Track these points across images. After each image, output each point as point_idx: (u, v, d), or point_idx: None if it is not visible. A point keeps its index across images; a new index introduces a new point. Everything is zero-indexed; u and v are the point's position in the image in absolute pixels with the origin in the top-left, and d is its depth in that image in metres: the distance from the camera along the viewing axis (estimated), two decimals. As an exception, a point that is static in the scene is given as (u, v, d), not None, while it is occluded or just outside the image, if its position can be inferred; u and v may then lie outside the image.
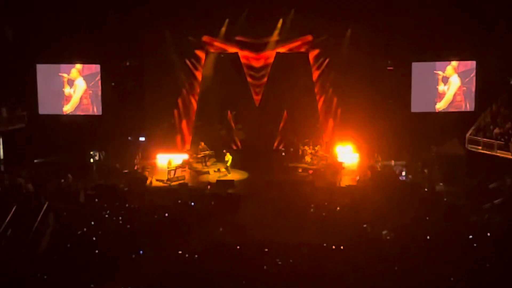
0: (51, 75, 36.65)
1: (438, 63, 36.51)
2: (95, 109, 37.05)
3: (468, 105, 36.56)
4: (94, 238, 23.82)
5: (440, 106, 36.80)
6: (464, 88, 36.40)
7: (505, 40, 33.93)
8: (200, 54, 37.09)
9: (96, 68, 36.81)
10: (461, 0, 33.68)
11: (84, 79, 36.83)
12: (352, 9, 34.28)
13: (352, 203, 27.82)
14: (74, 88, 36.90)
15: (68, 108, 37.06)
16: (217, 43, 36.80)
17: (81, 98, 36.94)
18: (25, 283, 20.70)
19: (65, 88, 36.91)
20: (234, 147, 37.62)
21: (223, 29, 36.36)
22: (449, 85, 36.50)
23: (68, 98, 37.00)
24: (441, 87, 36.65)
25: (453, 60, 36.13)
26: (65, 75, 36.73)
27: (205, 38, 36.58)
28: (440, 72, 36.46)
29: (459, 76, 36.39)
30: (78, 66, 36.78)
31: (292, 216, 25.99)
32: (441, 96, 36.74)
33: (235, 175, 33.93)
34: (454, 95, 36.58)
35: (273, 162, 36.05)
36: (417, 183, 31.28)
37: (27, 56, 35.30)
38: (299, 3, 35.08)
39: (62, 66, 36.72)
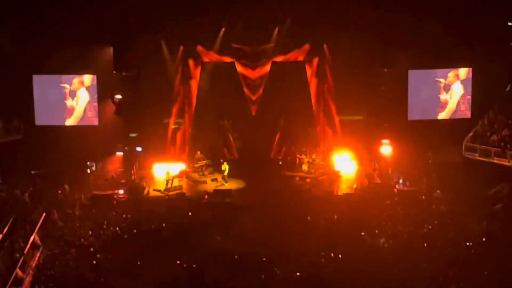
0: (48, 85, 35.90)
1: (439, 71, 35.64)
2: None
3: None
4: (91, 249, 23.81)
5: (443, 116, 35.81)
6: (468, 97, 35.39)
7: (501, 47, 33.92)
8: (196, 63, 36.96)
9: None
10: (457, 7, 33.64)
11: (87, 90, 35.89)
12: (349, 17, 34.21)
13: (350, 212, 27.82)
14: (77, 100, 35.91)
15: (71, 122, 36.01)
16: (213, 53, 36.72)
17: (85, 110, 35.94)
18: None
19: (67, 100, 35.89)
20: (231, 157, 37.48)
21: (219, 38, 36.31)
22: (451, 93, 35.56)
23: (70, 111, 35.99)
24: (443, 96, 35.62)
25: (449, 68, 35.86)
26: (66, 85, 35.85)
27: (200, 48, 36.49)
28: (442, 80, 35.50)
29: (462, 83, 35.45)
30: (85, 76, 36.02)
31: (289, 225, 26.01)
32: (443, 105, 35.75)
33: (232, 185, 33.85)
34: (458, 104, 35.58)
35: (270, 171, 35.86)
36: (415, 191, 31.24)
37: (23, 67, 35.12)
38: (295, 12, 35.00)
39: (64, 77, 35.93)
